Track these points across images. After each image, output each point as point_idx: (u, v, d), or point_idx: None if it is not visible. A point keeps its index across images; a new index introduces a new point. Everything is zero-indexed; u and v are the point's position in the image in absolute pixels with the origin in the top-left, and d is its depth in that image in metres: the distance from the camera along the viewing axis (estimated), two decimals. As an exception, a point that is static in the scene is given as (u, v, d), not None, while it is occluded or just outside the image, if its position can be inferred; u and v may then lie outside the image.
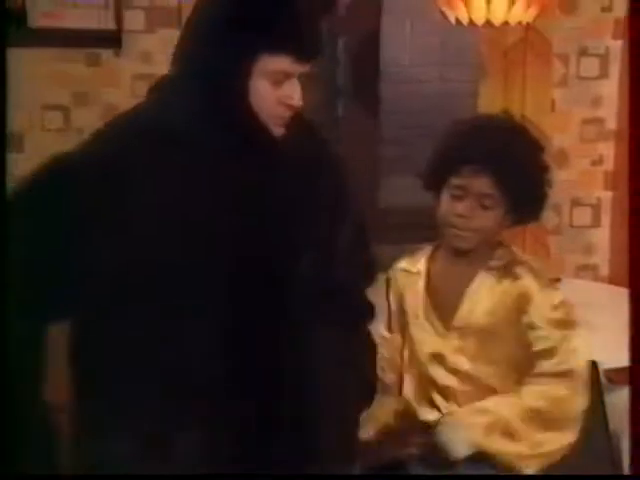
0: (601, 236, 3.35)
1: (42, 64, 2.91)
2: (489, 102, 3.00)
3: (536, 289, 2.02)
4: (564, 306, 2.04)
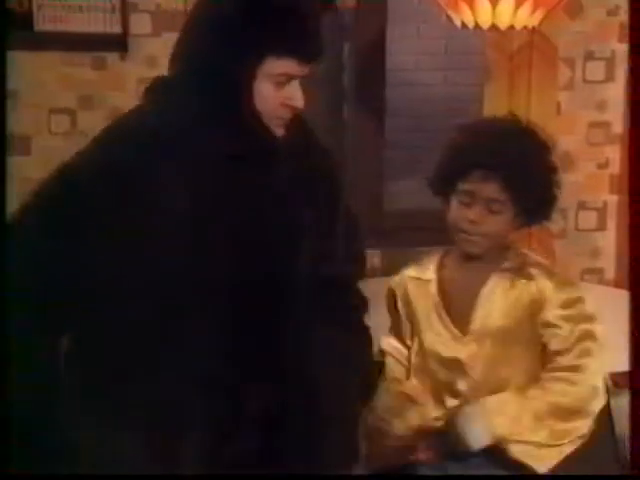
0: (607, 240, 3.34)
1: (48, 68, 2.92)
2: (494, 106, 2.99)
3: (551, 288, 2.02)
4: (580, 302, 2.05)
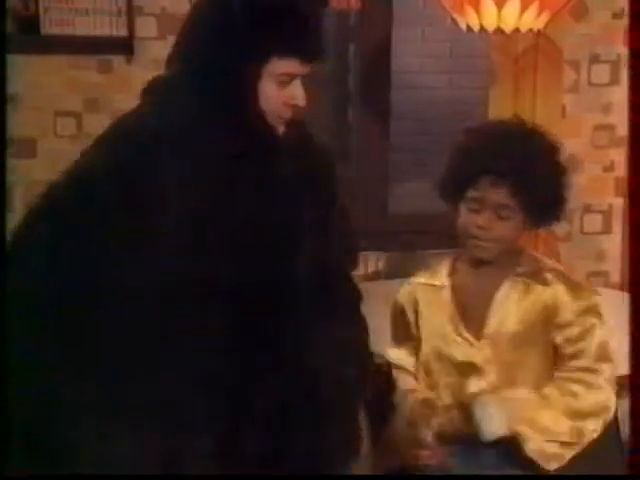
0: (612, 242, 3.33)
1: (54, 71, 2.93)
2: (500, 109, 2.99)
3: (566, 294, 2.03)
4: (595, 308, 2.05)
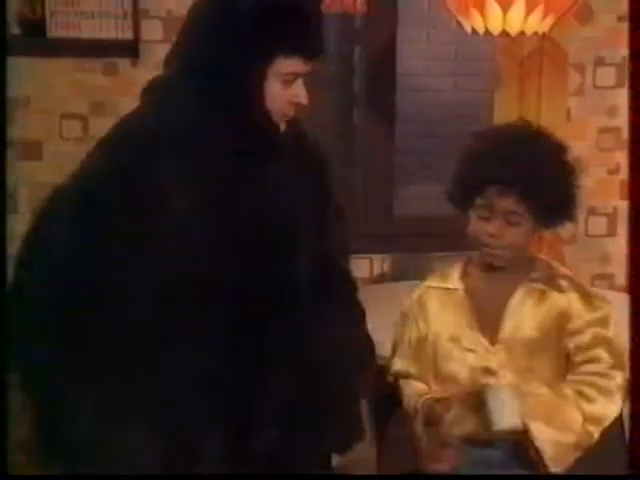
0: (617, 245, 3.33)
1: (60, 74, 2.94)
2: (504, 112, 2.99)
3: (578, 301, 2.04)
4: (608, 316, 2.05)
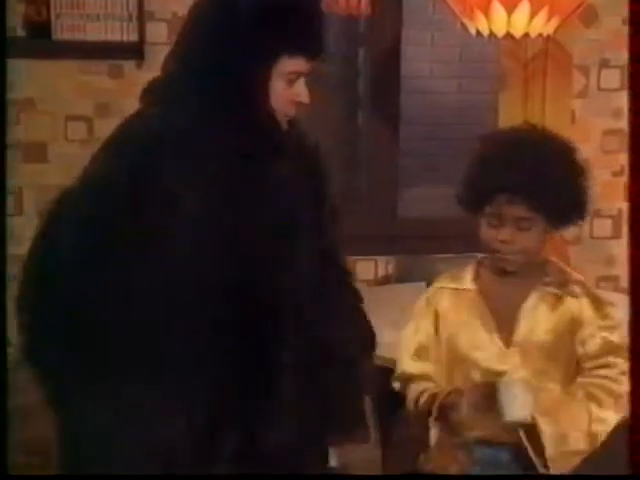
0: (622, 247, 3.33)
1: (65, 76, 2.94)
2: (509, 114, 2.99)
3: (590, 307, 2.05)
4: (617, 324, 2.04)
